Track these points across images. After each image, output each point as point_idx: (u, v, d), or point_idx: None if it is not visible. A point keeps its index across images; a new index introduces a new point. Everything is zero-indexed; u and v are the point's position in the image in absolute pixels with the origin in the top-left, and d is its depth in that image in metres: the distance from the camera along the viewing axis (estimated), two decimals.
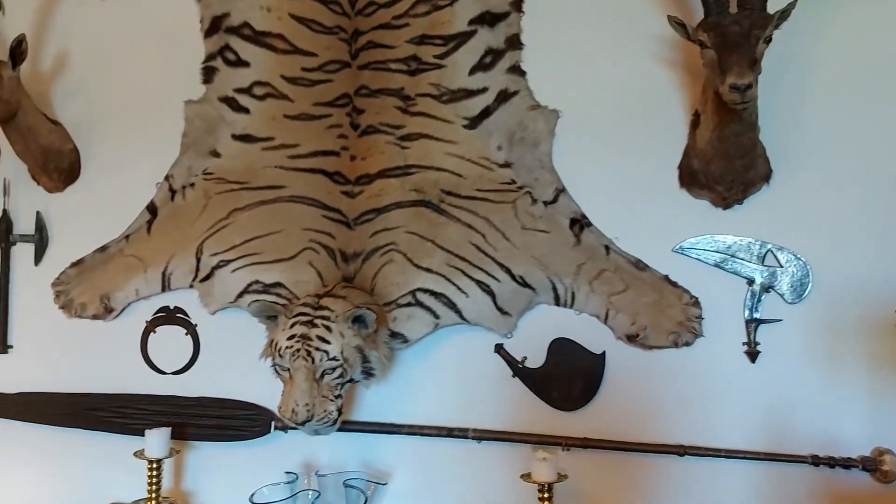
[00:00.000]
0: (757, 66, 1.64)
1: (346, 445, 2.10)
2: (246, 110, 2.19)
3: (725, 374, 1.95)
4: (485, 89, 2.10)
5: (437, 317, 2.03)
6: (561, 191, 2.07)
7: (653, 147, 2.03)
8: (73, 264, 2.32)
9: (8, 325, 2.33)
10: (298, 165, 2.14)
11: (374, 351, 1.89)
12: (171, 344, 2.24)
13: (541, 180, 2.08)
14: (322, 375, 1.81)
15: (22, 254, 2.35)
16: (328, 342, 1.80)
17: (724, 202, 1.95)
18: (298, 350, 1.79)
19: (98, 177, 2.32)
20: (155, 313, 2.25)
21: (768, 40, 1.66)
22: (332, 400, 1.82)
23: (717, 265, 1.97)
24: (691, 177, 1.96)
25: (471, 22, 2.10)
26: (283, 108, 2.17)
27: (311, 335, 1.80)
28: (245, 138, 2.19)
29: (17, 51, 2.05)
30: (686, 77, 2.00)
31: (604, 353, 2.01)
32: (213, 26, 2.23)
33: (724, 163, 1.85)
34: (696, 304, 1.97)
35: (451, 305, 2.02)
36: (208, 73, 2.24)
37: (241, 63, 2.20)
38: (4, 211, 2.33)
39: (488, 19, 2.10)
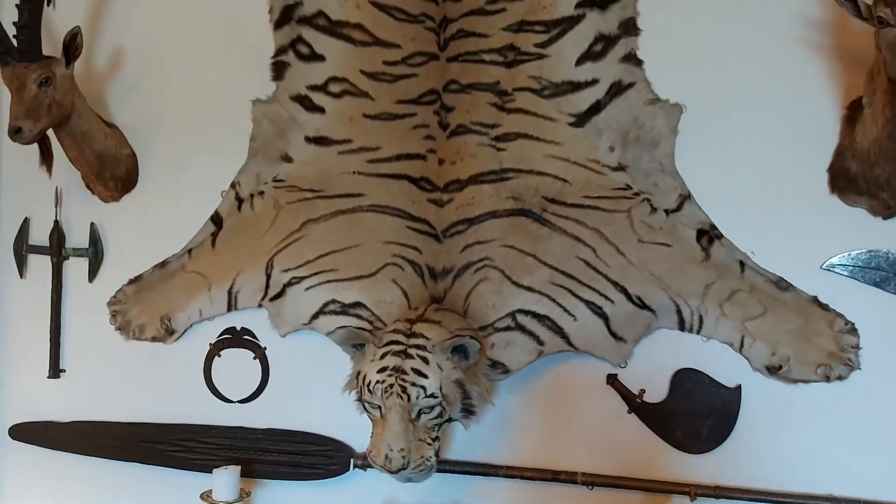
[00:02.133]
0: None
1: (435, 488, 1.88)
2: (321, 110, 1.97)
3: (886, 413, 1.68)
4: (594, 81, 1.84)
5: (540, 343, 1.80)
6: (686, 197, 1.80)
7: (796, 146, 1.75)
8: (131, 281, 2.14)
9: (60, 348, 2.16)
10: (380, 171, 1.92)
11: (474, 385, 1.66)
12: (237, 369, 2.05)
13: (661, 186, 1.82)
14: (418, 415, 1.58)
15: (75, 269, 2.18)
16: (425, 376, 1.57)
17: (888, 211, 1.67)
18: (392, 385, 1.57)
19: (157, 185, 2.13)
20: (220, 335, 2.06)
21: None
22: (429, 444, 1.60)
23: (876, 285, 1.69)
24: (847, 181, 1.68)
25: (578, 5, 1.84)
26: (363, 107, 1.94)
27: (406, 368, 1.58)
28: (320, 141, 1.97)
29: (72, 46, 1.86)
30: (837, 64, 1.71)
31: (739, 386, 1.75)
32: (284, 16, 2.00)
33: (894, 166, 1.57)
34: (853, 331, 1.69)
35: (557, 330, 1.79)
36: (278, 69, 2.02)
37: (315, 57, 1.97)
38: (56, 222, 2.16)
39: (599, 2, 1.84)
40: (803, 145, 1.74)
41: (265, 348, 2.02)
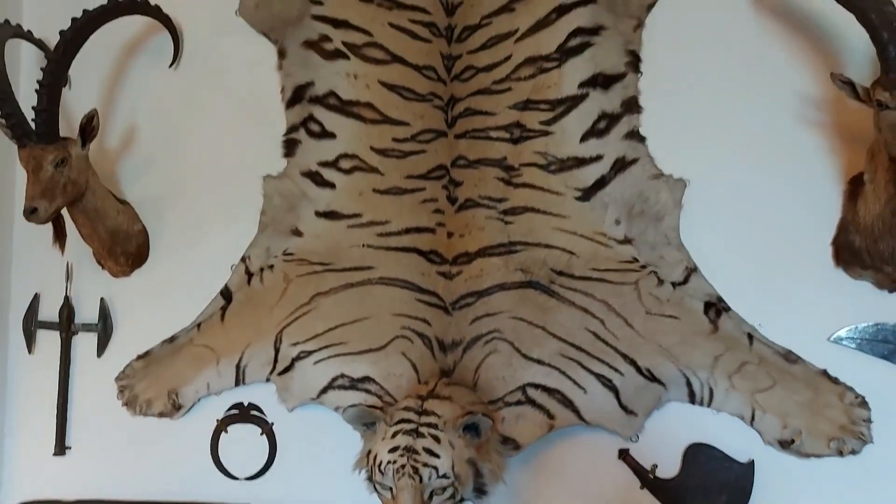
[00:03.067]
0: None
1: None
2: (331, 185, 1.99)
3: None
4: (599, 157, 1.88)
5: (551, 417, 1.78)
6: (692, 270, 1.81)
7: (799, 220, 1.77)
8: (139, 357, 2.12)
9: (67, 424, 2.12)
10: (389, 244, 1.93)
11: (486, 462, 1.63)
12: (244, 445, 2.01)
13: (667, 258, 1.84)
14: (430, 496, 1.55)
15: (84, 344, 2.16)
16: (437, 455, 1.55)
17: (894, 284, 1.68)
18: (403, 466, 1.54)
19: (168, 259, 2.13)
20: (227, 410, 2.03)
21: None
22: None
23: (885, 357, 1.69)
24: (851, 255, 1.70)
25: (581, 85, 1.89)
26: (372, 182, 1.97)
27: (418, 447, 1.55)
28: (330, 215, 1.99)
29: (88, 128, 1.90)
30: (837, 141, 1.75)
31: (751, 462, 1.72)
32: (296, 96, 2.05)
33: None
34: (864, 404, 1.68)
35: (568, 403, 1.78)
36: (290, 146, 2.05)
37: (326, 134, 2.01)
38: (66, 298, 2.15)
39: (601, 81, 1.89)
40: (807, 219, 1.77)
41: (272, 424, 2.00)
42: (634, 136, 1.89)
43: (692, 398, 1.77)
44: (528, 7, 1.93)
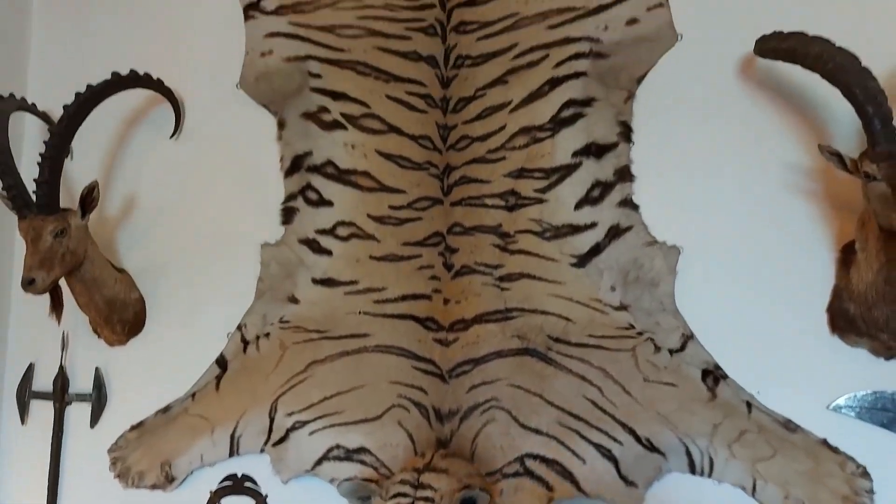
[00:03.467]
0: None
1: None
2: (328, 252, 2.01)
3: None
4: (594, 224, 1.90)
5: (550, 489, 1.75)
6: (689, 337, 1.81)
7: (793, 287, 1.77)
8: (133, 427, 2.10)
9: (57, 497, 2.08)
10: (385, 311, 1.94)
11: None
12: None
13: (663, 325, 1.84)
14: None
15: (78, 414, 2.13)
16: None
17: (890, 352, 1.67)
18: None
19: (164, 328, 2.13)
20: (221, 482, 1.99)
21: None
22: None
23: (884, 426, 1.67)
24: (847, 322, 1.70)
25: (574, 154, 1.93)
26: (369, 249, 1.98)
27: None
28: (326, 282, 2.00)
29: (88, 199, 1.92)
30: (828, 209, 1.77)
31: None
32: (295, 165, 2.08)
33: (893, 309, 1.59)
34: (865, 474, 1.65)
35: (567, 474, 1.75)
36: (288, 214, 2.08)
37: (323, 202, 2.04)
38: (61, 367, 2.15)
39: (594, 150, 1.93)
40: (801, 286, 1.77)
41: (266, 496, 1.96)
42: (628, 203, 1.91)
43: (692, 468, 1.74)
44: (521, 80, 1.97)
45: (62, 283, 1.98)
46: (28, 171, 1.90)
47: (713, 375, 1.79)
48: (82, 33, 2.37)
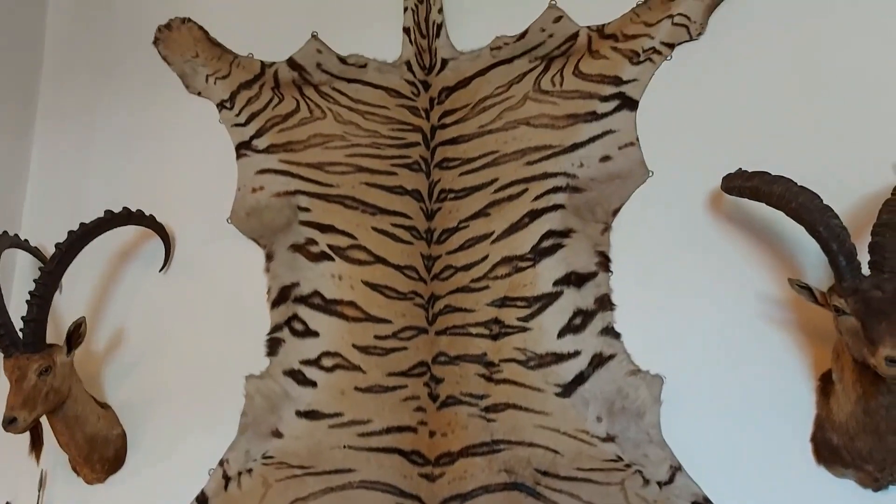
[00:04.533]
0: None
1: None
2: (313, 384, 2.01)
3: None
4: (577, 353, 1.92)
5: None
6: (677, 469, 1.79)
7: (776, 416, 1.77)
8: None
9: None
10: (371, 444, 1.92)
11: None
12: None
13: (651, 457, 1.82)
14: None
15: None
16: None
17: (877, 483, 1.66)
18: None
19: (144, 464, 2.08)
20: None
21: None
22: None
23: None
24: (831, 453, 1.69)
25: (556, 283, 1.98)
26: (354, 380, 1.98)
27: None
28: (311, 415, 1.98)
29: (75, 335, 1.93)
30: (802, 338, 1.80)
31: None
32: (282, 296, 2.12)
33: (874, 439, 1.59)
34: None
35: None
36: (273, 346, 2.09)
37: (309, 333, 2.06)
38: None
39: (574, 280, 1.97)
40: (783, 415, 1.76)
41: None
42: (610, 332, 1.94)
43: None
44: (502, 212, 2.05)
45: (43, 420, 1.95)
46: (17, 303, 1.93)
47: None
48: (79, 168, 2.46)
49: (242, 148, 2.28)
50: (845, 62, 1.87)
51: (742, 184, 1.72)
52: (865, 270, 1.55)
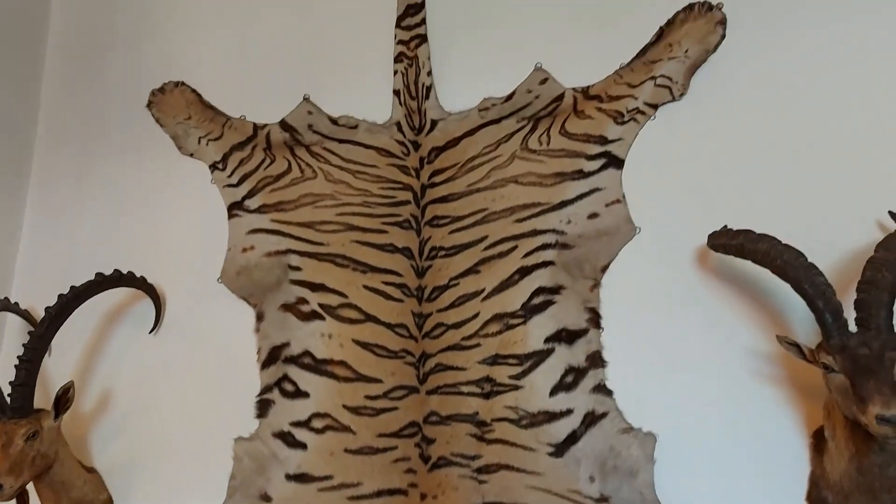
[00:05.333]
0: None
1: None
2: (303, 446, 1.99)
3: None
4: (569, 411, 1.90)
5: None
6: None
7: (771, 474, 1.75)
8: None
9: None
10: None
11: None
12: None
13: None
14: None
15: None
16: None
17: None
18: None
19: None
20: None
21: None
22: None
23: None
24: None
25: (547, 340, 1.97)
26: (345, 442, 1.96)
27: None
28: (300, 478, 1.96)
29: (63, 399, 1.92)
30: (794, 394, 1.80)
31: None
32: (272, 356, 2.11)
33: (868, 499, 1.56)
34: None
35: None
36: (263, 407, 2.07)
37: (299, 394, 2.04)
38: None
39: (565, 337, 1.98)
40: (778, 473, 1.74)
41: None
42: (601, 389, 1.93)
43: None
44: (492, 270, 2.06)
45: (29, 487, 1.92)
46: (5, 366, 1.92)
47: None
48: (71, 229, 2.48)
49: (234, 208, 2.30)
50: (826, 120, 1.90)
51: (727, 241, 1.74)
52: (853, 327, 1.56)
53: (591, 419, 1.91)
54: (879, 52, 1.89)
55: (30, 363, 1.87)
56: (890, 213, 1.76)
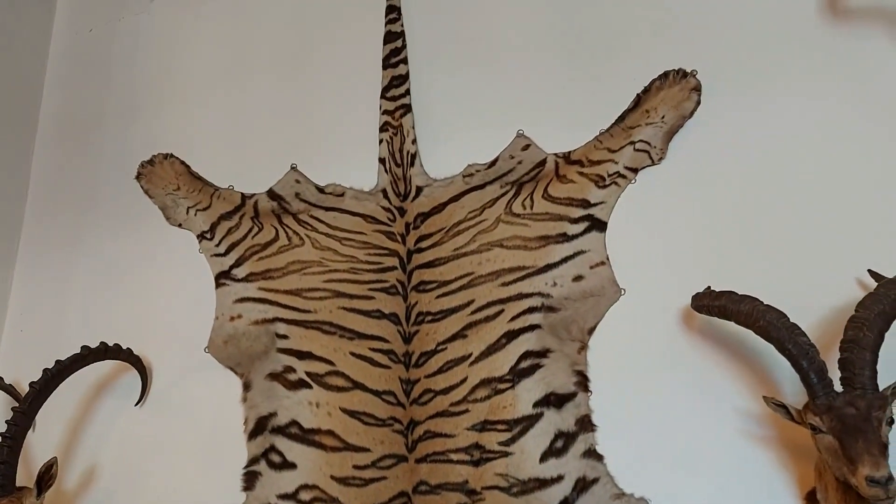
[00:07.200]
0: (887, 451, 1.45)
1: None
2: None
3: None
4: (560, 478, 1.88)
5: None
6: None
7: None
8: None
9: None
10: None
11: None
12: None
13: None
14: None
15: None
16: None
17: None
18: None
19: None
20: None
21: (890, 422, 1.49)
22: None
23: None
24: None
25: (535, 404, 1.96)
26: None
27: None
28: None
29: (45, 477, 1.88)
30: (785, 454, 1.78)
31: None
32: (259, 427, 2.09)
33: None
34: None
35: None
36: (250, 479, 2.04)
37: (286, 465, 2.01)
38: None
39: (554, 401, 1.96)
40: None
41: None
42: (592, 454, 1.90)
43: None
44: (479, 334, 2.06)
45: None
46: None
47: None
48: (58, 301, 2.48)
49: (222, 277, 2.31)
50: (803, 181, 1.94)
51: (710, 303, 1.76)
52: (838, 386, 1.57)
53: (582, 485, 1.88)
54: (852, 116, 1.95)
55: (13, 440, 1.84)
56: (869, 271, 1.79)
